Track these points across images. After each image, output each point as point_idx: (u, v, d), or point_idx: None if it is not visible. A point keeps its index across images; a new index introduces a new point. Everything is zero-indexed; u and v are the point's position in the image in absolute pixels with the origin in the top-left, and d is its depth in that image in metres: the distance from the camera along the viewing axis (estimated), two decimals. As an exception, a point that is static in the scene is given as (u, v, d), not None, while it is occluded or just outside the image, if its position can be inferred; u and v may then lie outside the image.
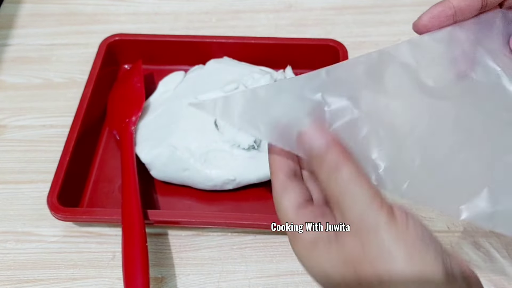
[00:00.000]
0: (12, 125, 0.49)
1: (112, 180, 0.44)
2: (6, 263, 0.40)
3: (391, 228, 0.22)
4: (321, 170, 0.24)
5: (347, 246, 0.23)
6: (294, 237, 0.25)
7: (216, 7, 0.61)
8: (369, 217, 0.22)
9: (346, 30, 0.57)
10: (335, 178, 0.23)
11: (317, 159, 0.24)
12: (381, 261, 0.22)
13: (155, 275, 0.39)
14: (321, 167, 0.24)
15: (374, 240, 0.22)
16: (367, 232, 0.22)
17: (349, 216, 0.23)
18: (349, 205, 0.23)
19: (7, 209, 0.43)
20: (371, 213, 0.22)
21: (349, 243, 0.23)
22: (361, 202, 0.22)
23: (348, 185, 0.23)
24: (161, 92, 0.48)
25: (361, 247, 0.22)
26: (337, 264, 0.23)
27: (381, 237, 0.22)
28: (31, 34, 0.58)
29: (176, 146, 0.42)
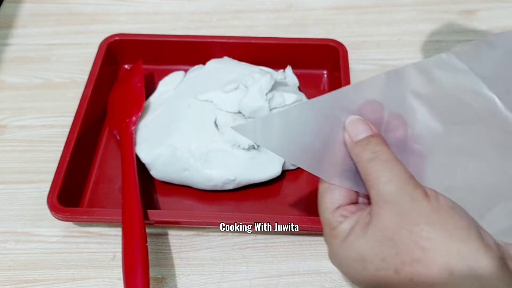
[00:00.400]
0: (12, 125, 0.49)
1: (112, 180, 0.44)
2: (6, 263, 0.40)
3: (428, 201, 0.24)
4: (365, 150, 0.26)
5: (384, 220, 0.24)
6: (330, 233, 0.27)
7: (216, 7, 0.61)
8: (407, 191, 0.24)
9: (347, 30, 0.57)
10: (377, 157, 0.25)
11: (363, 142, 0.27)
12: (420, 229, 0.23)
13: (155, 275, 0.39)
14: (365, 148, 0.26)
15: (413, 209, 0.24)
16: (404, 203, 0.24)
17: (387, 190, 0.24)
18: (388, 179, 0.25)
19: (7, 209, 0.43)
20: (408, 188, 0.24)
21: (385, 217, 0.24)
22: (400, 178, 0.25)
23: (388, 163, 0.25)
24: (161, 92, 0.48)
25: (399, 217, 0.24)
26: (374, 243, 0.24)
27: (420, 207, 0.24)
28: (31, 34, 0.58)
29: (176, 146, 0.42)
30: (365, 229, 0.25)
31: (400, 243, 0.24)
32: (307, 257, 0.40)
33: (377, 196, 0.25)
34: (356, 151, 0.27)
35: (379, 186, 0.25)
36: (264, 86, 0.43)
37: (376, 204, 0.25)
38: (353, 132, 0.27)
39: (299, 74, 0.51)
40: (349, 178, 0.28)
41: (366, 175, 0.26)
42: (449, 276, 0.23)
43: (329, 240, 0.27)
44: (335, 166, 0.28)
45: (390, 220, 0.24)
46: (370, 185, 0.25)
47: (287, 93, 0.45)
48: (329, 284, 0.38)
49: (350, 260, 0.25)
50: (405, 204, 0.24)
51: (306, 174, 0.44)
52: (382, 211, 0.24)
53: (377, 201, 0.25)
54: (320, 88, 0.51)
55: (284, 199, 0.43)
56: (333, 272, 0.39)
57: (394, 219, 0.24)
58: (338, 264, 0.27)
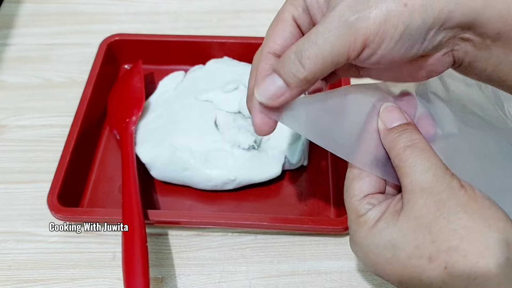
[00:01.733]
0: (12, 125, 0.49)
1: (112, 180, 0.44)
2: (6, 263, 0.40)
3: (465, 191, 0.24)
4: (401, 138, 0.26)
5: (419, 207, 0.24)
6: (357, 221, 0.26)
7: (216, 7, 0.61)
8: (445, 180, 0.24)
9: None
10: (414, 145, 0.25)
11: (398, 129, 0.26)
12: (458, 217, 0.23)
13: (155, 275, 0.39)
14: (401, 135, 0.26)
15: (451, 198, 0.24)
16: (442, 191, 0.24)
17: (424, 178, 0.24)
18: (426, 167, 0.24)
19: (7, 209, 0.43)
20: (446, 177, 0.24)
21: (421, 204, 0.24)
22: (437, 167, 0.24)
23: (425, 152, 0.25)
24: (161, 92, 0.48)
25: (437, 205, 0.24)
26: (408, 230, 0.24)
27: (458, 196, 0.24)
28: (32, 33, 0.58)
29: (176, 146, 0.42)
30: (397, 216, 0.25)
31: (436, 231, 0.23)
32: (307, 257, 0.40)
33: (413, 184, 0.24)
34: (391, 138, 0.26)
35: (415, 174, 0.24)
36: (264, 86, 0.43)
37: (410, 192, 0.24)
38: (388, 119, 0.27)
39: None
40: (379, 166, 0.27)
41: (400, 162, 0.25)
42: (486, 266, 0.22)
43: (355, 228, 0.26)
44: (367, 153, 0.27)
45: (427, 208, 0.24)
46: (405, 172, 0.25)
47: (287, 93, 0.45)
48: (329, 284, 0.38)
49: (379, 248, 0.25)
50: (443, 193, 0.24)
51: (306, 175, 0.44)
52: (418, 199, 0.24)
53: (412, 188, 0.24)
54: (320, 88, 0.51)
55: (284, 199, 0.43)
56: (334, 272, 0.39)
57: (431, 207, 0.24)
58: (363, 252, 0.26)
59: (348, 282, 0.38)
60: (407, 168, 0.25)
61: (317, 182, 0.44)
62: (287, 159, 0.43)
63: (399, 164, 0.26)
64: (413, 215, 0.24)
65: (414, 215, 0.24)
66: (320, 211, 0.42)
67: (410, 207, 0.24)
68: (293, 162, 0.43)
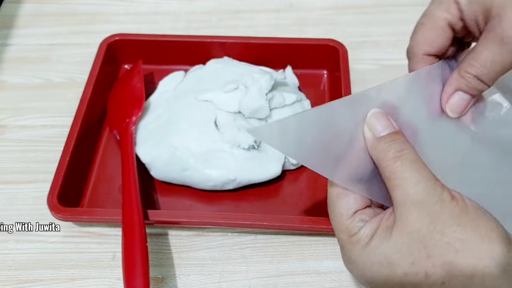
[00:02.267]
0: (12, 125, 0.49)
1: (112, 180, 0.44)
2: (6, 263, 0.40)
3: (456, 203, 0.24)
4: (390, 149, 0.25)
5: (412, 221, 0.24)
6: (350, 240, 0.26)
7: (216, 7, 0.61)
8: (436, 192, 0.24)
9: (347, 30, 0.57)
10: (403, 156, 0.25)
11: (387, 138, 0.26)
12: (452, 230, 0.23)
13: (155, 275, 0.39)
14: (390, 146, 0.25)
15: (443, 211, 0.23)
16: (434, 204, 0.23)
17: (415, 191, 0.24)
18: (417, 179, 0.24)
19: (7, 209, 0.43)
20: (437, 189, 0.24)
21: (414, 218, 0.24)
22: (428, 179, 0.24)
23: (415, 163, 0.25)
24: (161, 92, 0.48)
25: (430, 219, 0.23)
26: (402, 246, 0.24)
27: (450, 208, 0.23)
28: (32, 34, 0.58)
29: (176, 146, 0.42)
30: (389, 231, 0.24)
31: (431, 245, 0.23)
32: (306, 257, 0.40)
33: (404, 196, 0.24)
34: (381, 148, 0.26)
35: (406, 186, 0.24)
36: (264, 86, 0.43)
37: (402, 205, 0.24)
38: (377, 127, 0.26)
39: (299, 74, 0.51)
40: (363, 183, 0.27)
41: (391, 173, 0.25)
42: (481, 278, 0.22)
43: (348, 247, 0.26)
44: (350, 170, 0.27)
45: (420, 222, 0.23)
46: (396, 184, 0.24)
47: (287, 93, 0.45)
48: (329, 284, 0.38)
49: (374, 266, 0.24)
50: (435, 205, 0.23)
51: (306, 175, 0.44)
52: (410, 213, 0.24)
53: (404, 201, 0.24)
54: (320, 88, 0.51)
55: (284, 199, 0.43)
56: (333, 272, 0.39)
57: (424, 220, 0.23)
58: (359, 270, 0.26)
59: (348, 282, 0.38)
60: (398, 180, 0.24)
61: (317, 182, 0.44)
62: (287, 159, 0.43)
63: (389, 175, 0.25)
64: (406, 230, 0.24)
65: (408, 230, 0.24)
66: (320, 211, 0.42)
67: (403, 221, 0.24)
68: (293, 162, 0.43)
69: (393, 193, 0.25)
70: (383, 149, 0.26)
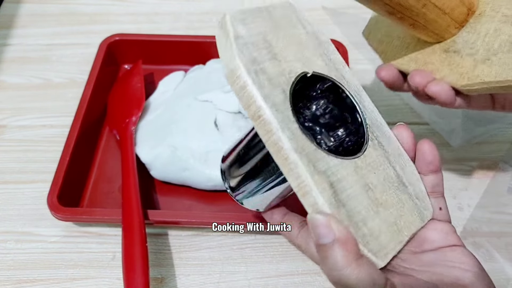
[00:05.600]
0: (12, 125, 0.49)
1: (112, 180, 0.44)
2: (6, 263, 0.40)
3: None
4: (324, 264, 0.24)
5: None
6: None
7: (216, 7, 0.61)
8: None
9: (347, 30, 0.57)
10: (337, 275, 0.23)
11: (324, 249, 0.24)
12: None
13: (155, 275, 0.39)
14: (325, 261, 0.24)
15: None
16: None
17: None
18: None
19: (7, 209, 0.43)
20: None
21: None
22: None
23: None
24: (161, 92, 0.48)
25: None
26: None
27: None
28: (31, 34, 0.58)
29: (176, 146, 0.42)
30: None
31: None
32: (306, 257, 0.39)
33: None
34: (318, 252, 0.24)
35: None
36: (264, 86, 0.43)
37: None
38: (317, 234, 0.24)
39: (299, 74, 0.51)
40: None
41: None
42: None
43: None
44: None
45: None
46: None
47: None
48: (329, 284, 0.38)
49: None
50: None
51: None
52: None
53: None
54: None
55: (283, 199, 0.43)
56: (333, 272, 0.39)
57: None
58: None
59: (348, 282, 0.38)
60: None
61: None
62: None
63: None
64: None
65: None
66: (320, 211, 0.42)
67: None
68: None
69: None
70: (320, 257, 0.24)
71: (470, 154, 0.46)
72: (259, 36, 0.27)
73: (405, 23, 0.32)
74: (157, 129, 0.45)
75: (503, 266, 0.39)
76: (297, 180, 0.24)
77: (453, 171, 0.45)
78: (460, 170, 0.45)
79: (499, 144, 0.47)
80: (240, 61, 0.24)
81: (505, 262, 0.39)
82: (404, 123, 0.31)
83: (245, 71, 0.24)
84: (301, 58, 0.28)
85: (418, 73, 0.33)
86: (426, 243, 0.27)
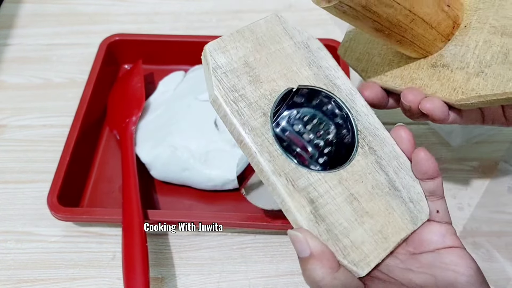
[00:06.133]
0: (12, 125, 0.49)
1: (112, 180, 0.44)
2: (6, 262, 0.40)
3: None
4: (304, 276, 0.25)
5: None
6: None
7: (216, 7, 0.61)
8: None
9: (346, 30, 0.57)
10: (316, 287, 0.25)
11: (303, 263, 0.25)
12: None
13: (155, 275, 0.39)
14: (305, 273, 0.25)
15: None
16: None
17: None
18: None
19: (7, 209, 0.43)
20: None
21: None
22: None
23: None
24: (161, 92, 0.49)
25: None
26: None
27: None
28: (31, 34, 0.58)
29: (176, 146, 0.42)
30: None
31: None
32: (306, 257, 0.40)
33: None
34: (299, 261, 0.26)
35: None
36: (264, 86, 0.43)
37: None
38: (297, 248, 0.26)
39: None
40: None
41: None
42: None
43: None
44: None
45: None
46: None
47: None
48: (328, 284, 0.38)
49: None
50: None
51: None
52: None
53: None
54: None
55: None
56: (333, 272, 0.39)
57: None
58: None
59: (348, 282, 0.38)
60: None
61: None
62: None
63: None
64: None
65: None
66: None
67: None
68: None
69: None
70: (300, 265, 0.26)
71: (470, 153, 0.46)
72: (239, 62, 0.28)
73: (392, 40, 0.31)
74: (157, 129, 0.45)
75: (503, 266, 0.39)
76: (279, 199, 0.26)
77: (453, 171, 0.45)
78: (460, 170, 0.45)
79: (499, 143, 0.47)
80: (218, 92, 0.27)
81: (505, 262, 0.39)
82: (402, 124, 0.31)
83: (223, 101, 0.27)
84: (286, 73, 0.29)
85: (410, 91, 0.32)
86: (423, 244, 0.28)
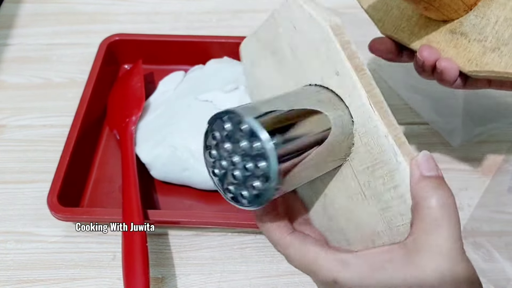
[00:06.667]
0: (12, 125, 0.49)
1: (112, 180, 0.44)
2: (6, 263, 0.40)
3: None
4: (435, 192, 0.26)
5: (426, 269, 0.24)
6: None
7: (216, 7, 0.61)
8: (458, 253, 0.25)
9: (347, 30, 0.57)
10: (447, 205, 0.26)
11: (434, 181, 0.27)
12: None
13: (155, 275, 0.39)
14: (436, 191, 0.26)
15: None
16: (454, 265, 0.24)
17: (442, 245, 0.24)
18: (447, 236, 0.25)
19: (7, 209, 0.43)
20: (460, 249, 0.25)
21: (432, 267, 0.24)
22: (455, 240, 0.25)
23: (453, 218, 0.25)
24: (161, 92, 0.48)
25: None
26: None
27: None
28: (31, 34, 0.58)
29: (176, 146, 0.42)
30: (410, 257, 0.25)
31: None
32: (306, 257, 0.40)
33: (430, 244, 0.24)
34: (426, 187, 0.26)
35: (438, 238, 0.24)
36: (264, 86, 0.43)
37: (424, 250, 0.24)
38: (426, 166, 0.27)
39: (299, 74, 0.51)
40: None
41: (432, 220, 0.25)
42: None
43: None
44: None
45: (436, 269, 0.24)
46: (429, 229, 0.25)
47: (287, 93, 0.45)
48: (328, 284, 0.38)
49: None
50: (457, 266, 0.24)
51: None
52: (431, 260, 0.24)
53: (428, 247, 0.24)
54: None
55: (284, 199, 0.43)
56: (333, 272, 0.39)
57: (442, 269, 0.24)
58: None
59: (348, 282, 0.38)
60: (433, 227, 0.25)
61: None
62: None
63: (425, 218, 0.25)
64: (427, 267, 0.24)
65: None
66: (320, 211, 0.42)
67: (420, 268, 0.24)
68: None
69: (420, 234, 0.25)
70: (429, 190, 0.26)
71: (470, 153, 0.46)
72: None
73: (420, 7, 0.31)
74: (157, 129, 0.45)
75: (503, 266, 0.39)
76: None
77: (453, 171, 0.45)
78: (460, 170, 0.45)
79: (499, 143, 0.47)
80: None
81: (505, 262, 0.39)
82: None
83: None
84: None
85: (427, 48, 0.32)
86: None
